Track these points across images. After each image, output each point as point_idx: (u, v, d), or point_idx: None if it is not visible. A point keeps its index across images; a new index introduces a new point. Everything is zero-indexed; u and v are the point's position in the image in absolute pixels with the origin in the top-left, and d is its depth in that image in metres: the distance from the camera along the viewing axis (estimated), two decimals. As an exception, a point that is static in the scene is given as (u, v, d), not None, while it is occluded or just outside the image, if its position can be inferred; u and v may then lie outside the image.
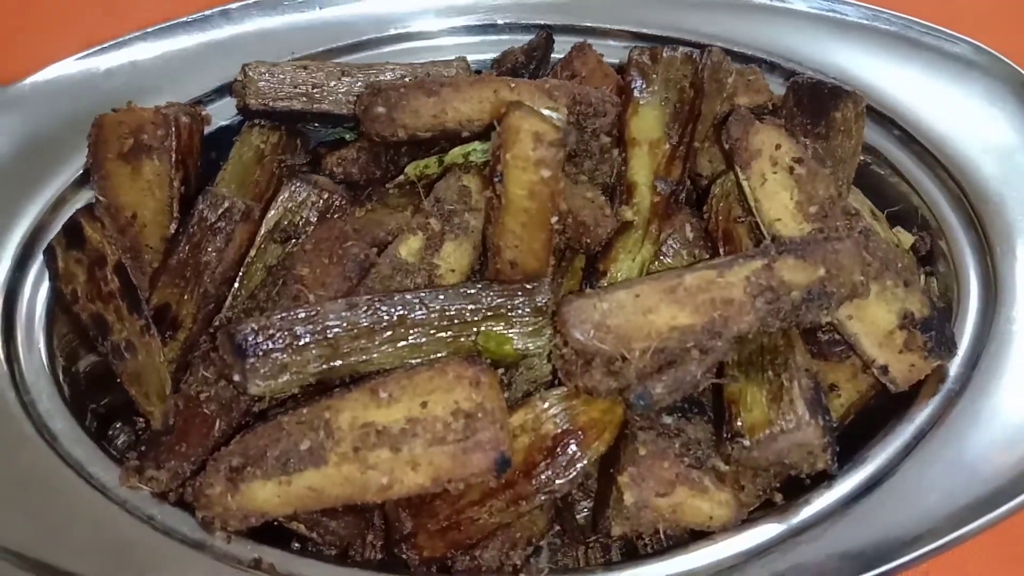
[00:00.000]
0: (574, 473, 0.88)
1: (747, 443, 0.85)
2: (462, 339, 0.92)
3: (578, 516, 0.96)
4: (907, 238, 1.10)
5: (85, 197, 1.13)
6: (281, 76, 1.16)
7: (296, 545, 0.93)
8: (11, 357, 1.00)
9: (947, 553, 0.94)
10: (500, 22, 1.33)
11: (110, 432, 1.03)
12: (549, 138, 0.83)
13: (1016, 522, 0.91)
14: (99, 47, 1.21)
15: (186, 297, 1.01)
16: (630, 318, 0.84)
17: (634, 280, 0.91)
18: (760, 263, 0.86)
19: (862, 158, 1.14)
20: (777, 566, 0.80)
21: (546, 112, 0.88)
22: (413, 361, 0.91)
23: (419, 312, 0.91)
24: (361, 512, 0.95)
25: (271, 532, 0.90)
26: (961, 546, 0.83)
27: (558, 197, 0.87)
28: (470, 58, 1.26)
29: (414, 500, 0.91)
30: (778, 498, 0.90)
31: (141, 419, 1.02)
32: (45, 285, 1.07)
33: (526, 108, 0.85)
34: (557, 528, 0.98)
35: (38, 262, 1.08)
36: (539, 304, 0.92)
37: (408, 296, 0.91)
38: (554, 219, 0.89)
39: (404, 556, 0.91)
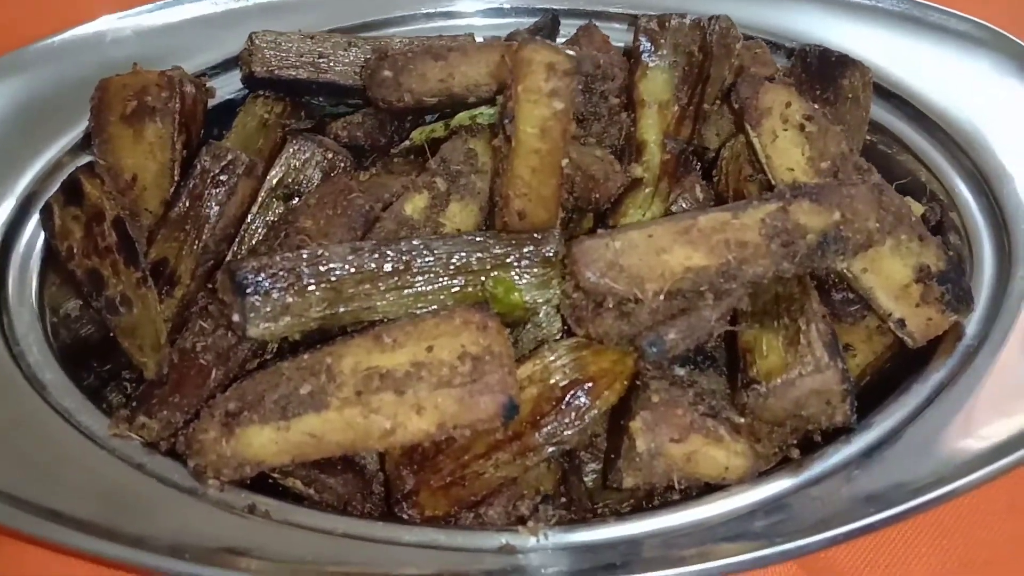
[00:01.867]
0: (583, 423, 0.85)
1: (763, 390, 0.83)
2: (469, 289, 0.90)
3: (586, 479, 0.93)
4: (917, 208, 1.08)
5: (82, 162, 1.12)
6: (287, 45, 1.16)
7: (292, 503, 0.89)
8: (2, 310, 0.97)
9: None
10: (506, 6, 1.34)
11: (104, 394, 0.99)
12: (563, 67, 0.82)
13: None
14: (105, 17, 1.21)
15: (185, 252, 0.99)
16: (643, 258, 0.82)
17: (647, 221, 0.90)
18: (775, 206, 0.85)
19: (869, 137, 1.14)
20: (787, 506, 0.77)
21: (558, 50, 0.87)
22: (418, 310, 0.89)
23: (425, 258, 0.89)
24: (360, 471, 0.91)
25: (266, 491, 0.86)
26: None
27: (569, 134, 0.86)
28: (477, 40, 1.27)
29: (416, 456, 0.88)
30: (795, 454, 0.86)
31: (129, 384, 0.99)
32: (38, 244, 1.05)
33: (538, 41, 0.85)
34: (563, 500, 0.95)
35: (32, 222, 1.06)
36: (547, 255, 0.90)
37: (414, 241, 0.89)
38: (564, 162, 0.88)
39: (405, 516, 0.87)
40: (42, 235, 1.06)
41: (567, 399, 0.85)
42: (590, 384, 0.86)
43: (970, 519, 0.99)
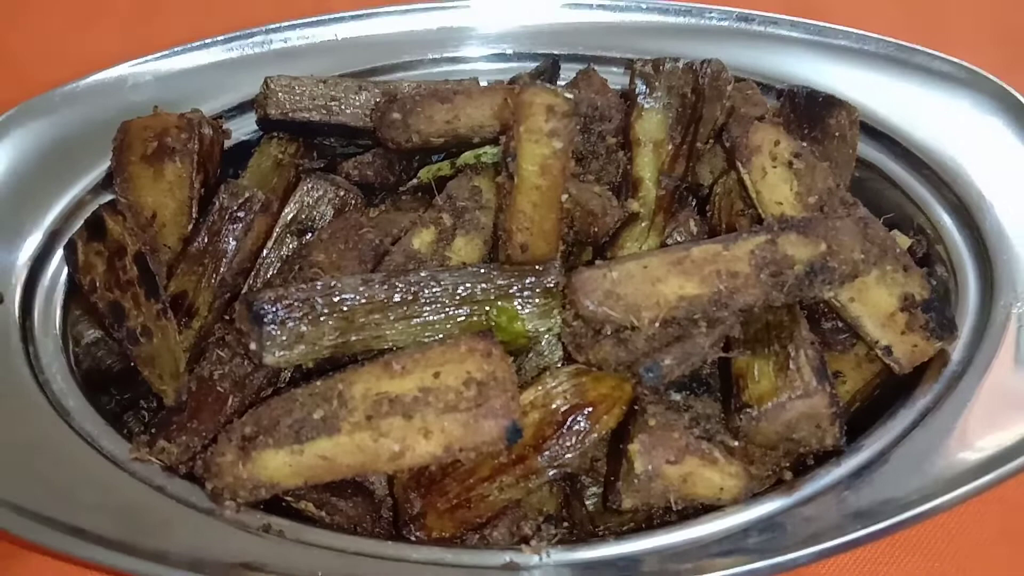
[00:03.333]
0: (583, 447, 0.89)
1: (755, 413, 0.86)
2: (474, 318, 0.94)
3: (587, 503, 0.96)
4: (904, 241, 1.13)
5: (104, 201, 1.17)
6: (301, 89, 1.22)
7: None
8: (27, 339, 1.01)
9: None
10: (509, 51, 1.40)
11: (123, 420, 1.03)
12: (561, 109, 0.87)
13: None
14: (126, 63, 1.27)
15: (203, 285, 1.03)
16: (639, 287, 0.87)
17: (643, 252, 0.95)
18: (764, 238, 0.89)
19: (858, 174, 1.19)
20: (779, 525, 0.81)
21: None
22: (426, 339, 0.93)
23: (432, 289, 0.93)
24: (370, 495, 0.95)
25: (280, 514, 0.89)
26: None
27: (568, 172, 0.91)
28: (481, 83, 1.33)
29: (423, 480, 0.91)
30: (788, 476, 0.90)
31: (147, 412, 1.03)
32: (62, 277, 1.10)
33: (539, 85, 0.90)
34: (565, 523, 0.98)
35: (56, 257, 1.11)
36: (548, 286, 0.94)
37: (422, 273, 0.94)
38: (564, 197, 0.93)
39: (413, 538, 0.90)
40: (65, 269, 1.10)
41: (568, 423, 0.89)
42: (590, 409, 0.90)
43: (962, 543, 1.03)
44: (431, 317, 0.93)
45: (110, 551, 0.76)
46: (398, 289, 0.93)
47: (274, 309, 0.88)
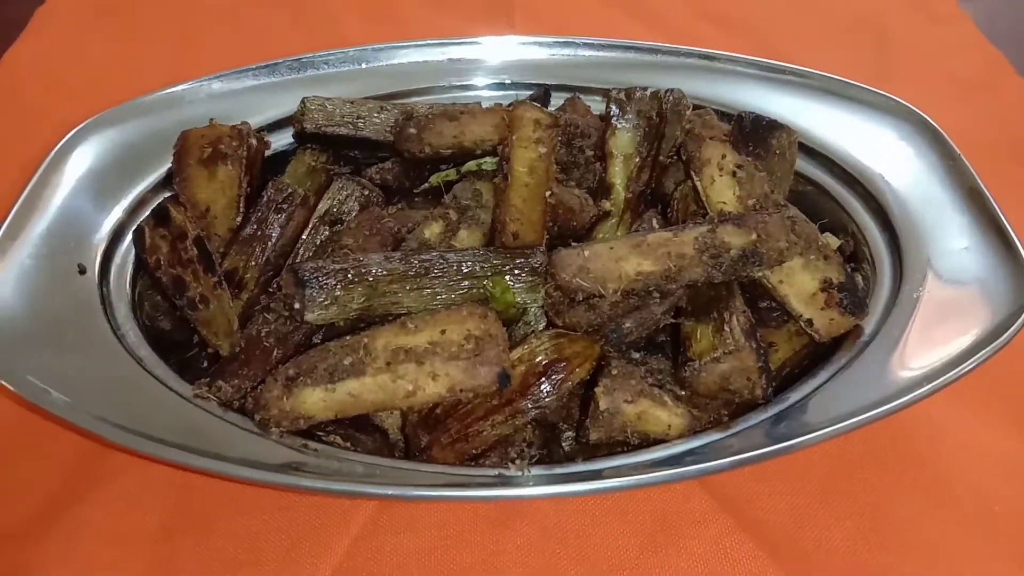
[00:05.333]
0: (560, 392, 1.10)
1: (697, 366, 1.08)
2: (474, 290, 1.15)
3: (564, 444, 1.17)
4: (835, 241, 1.35)
5: (164, 196, 1.39)
6: (332, 108, 1.45)
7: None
8: (105, 303, 1.22)
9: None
10: (508, 81, 1.63)
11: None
12: (545, 122, 1.10)
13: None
14: (183, 83, 1.50)
15: (251, 263, 1.25)
16: (605, 264, 1.08)
17: (610, 237, 1.16)
18: (706, 228, 1.11)
19: (800, 188, 1.41)
20: (711, 452, 1.01)
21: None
22: (434, 305, 1.14)
23: (440, 266, 1.15)
24: (386, 435, 1.15)
25: (312, 447, 1.10)
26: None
27: (551, 174, 1.13)
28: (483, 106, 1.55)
29: (430, 420, 1.12)
30: (725, 419, 1.11)
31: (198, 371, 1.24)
32: (130, 256, 1.30)
33: (528, 104, 1.13)
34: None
35: (125, 240, 1.32)
36: (535, 266, 1.16)
37: (433, 253, 1.15)
38: (548, 194, 1.15)
39: (422, 464, 1.11)
40: (132, 249, 1.31)
41: (548, 373, 1.09)
42: (565, 363, 1.10)
43: (884, 495, 1.23)
44: (439, 288, 1.14)
45: (182, 452, 0.97)
46: (413, 265, 1.14)
47: (315, 276, 1.10)
